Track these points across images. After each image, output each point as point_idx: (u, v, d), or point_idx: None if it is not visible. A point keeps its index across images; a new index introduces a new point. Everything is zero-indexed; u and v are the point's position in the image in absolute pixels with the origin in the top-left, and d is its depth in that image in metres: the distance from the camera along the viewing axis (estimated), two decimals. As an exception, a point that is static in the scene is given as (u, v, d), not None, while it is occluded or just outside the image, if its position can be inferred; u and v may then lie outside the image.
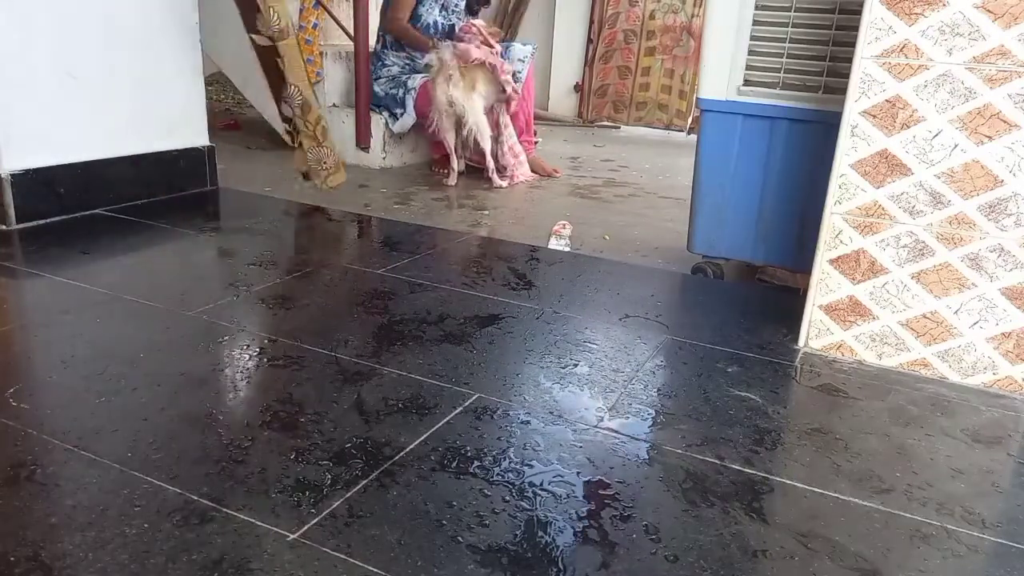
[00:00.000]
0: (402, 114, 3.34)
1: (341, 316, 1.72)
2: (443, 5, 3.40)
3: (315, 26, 3.40)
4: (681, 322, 1.79)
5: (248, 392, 1.36)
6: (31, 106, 2.20)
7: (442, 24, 3.43)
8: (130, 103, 2.46)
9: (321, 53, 3.45)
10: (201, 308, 1.69)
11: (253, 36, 2.59)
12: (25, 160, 2.21)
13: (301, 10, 3.38)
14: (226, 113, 4.76)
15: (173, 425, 1.24)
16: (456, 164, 3.22)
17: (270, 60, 2.68)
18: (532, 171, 3.44)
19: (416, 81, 3.31)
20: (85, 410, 1.26)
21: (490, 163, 3.19)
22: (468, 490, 1.10)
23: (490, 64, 3.10)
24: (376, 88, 3.37)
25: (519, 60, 3.40)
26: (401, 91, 3.32)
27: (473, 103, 3.06)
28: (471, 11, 3.50)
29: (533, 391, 1.41)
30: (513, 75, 3.38)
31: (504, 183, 3.19)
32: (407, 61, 3.40)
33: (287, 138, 2.98)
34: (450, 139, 3.15)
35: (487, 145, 3.15)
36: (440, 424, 1.27)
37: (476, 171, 3.39)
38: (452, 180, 3.21)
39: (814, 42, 1.80)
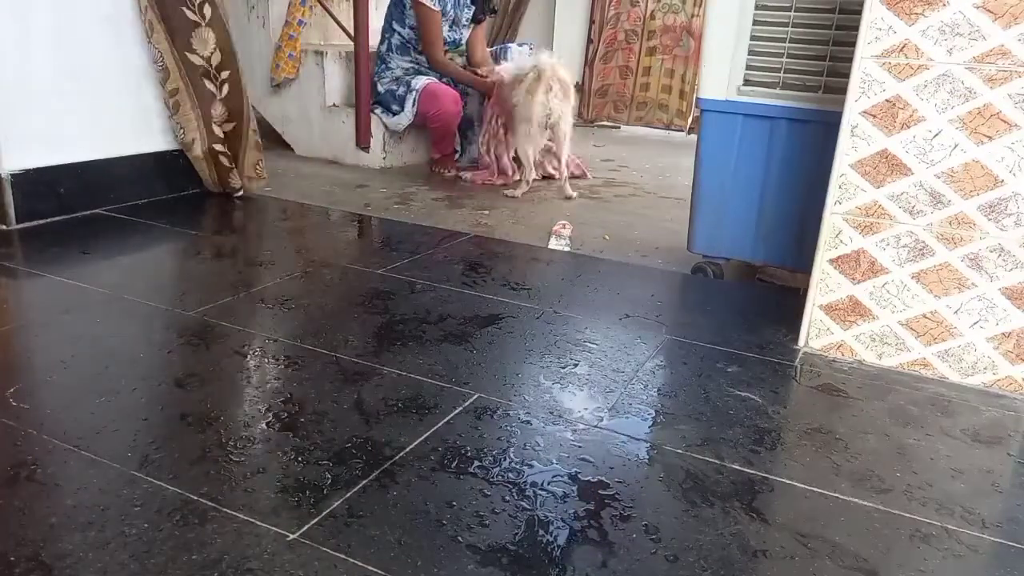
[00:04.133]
0: (399, 112, 3.33)
1: (341, 316, 1.72)
2: (453, 21, 3.38)
3: (300, 23, 3.39)
4: (681, 322, 1.79)
5: (248, 392, 1.36)
6: (31, 106, 2.20)
7: (453, 40, 3.41)
8: (130, 103, 2.46)
9: (318, 53, 3.45)
10: (201, 308, 1.69)
11: (187, 54, 2.48)
12: (25, 160, 2.21)
13: (290, 3, 3.38)
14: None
15: (173, 425, 1.24)
16: (530, 176, 3.07)
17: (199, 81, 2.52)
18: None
19: (420, 82, 3.30)
20: (85, 410, 1.26)
21: (564, 171, 3.07)
22: (468, 490, 1.10)
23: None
24: (378, 87, 3.37)
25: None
26: (403, 89, 3.31)
27: (567, 112, 2.98)
28: (477, 20, 3.48)
29: (533, 391, 1.41)
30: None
31: (575, 193, 3.08)
32: (412, 64, 3.40)
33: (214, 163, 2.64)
34: (532, 151, 3.02)
35: (566, 154, 3.06)
36: (440, 424, 1.27)
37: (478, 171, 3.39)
38: (520, 191, 3.05)
39: (814, 42, 1.80)
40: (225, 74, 2.53)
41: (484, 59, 3.54)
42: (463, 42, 3.48)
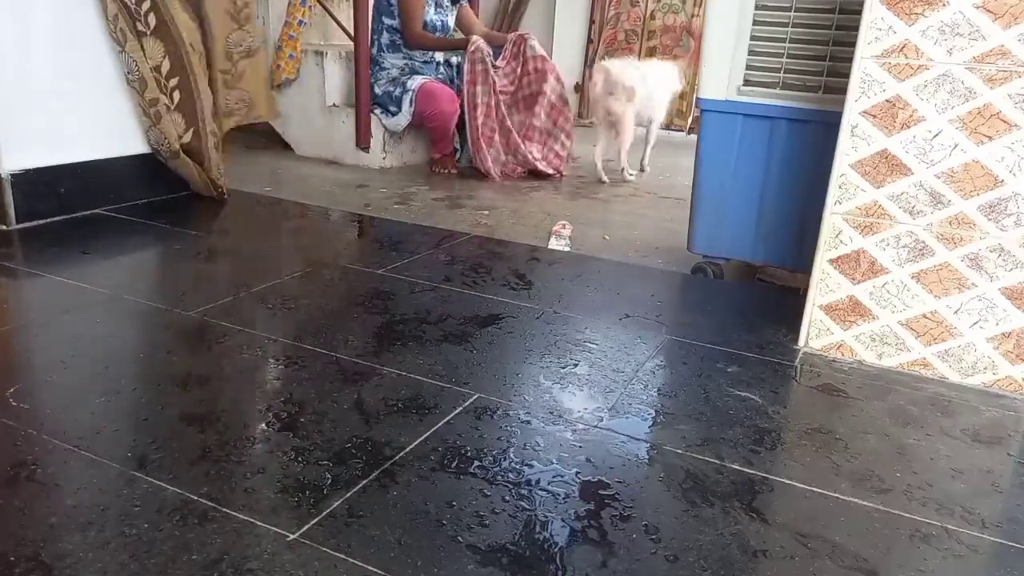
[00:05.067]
0: (396, 113, 3.34)
1: (341, 316, 1.72)
2: (436, 4, 3.40)
3: (300, 23, 3.39)
4: (681, 322, 1.79)
5: (248, 392, 1.36)
6: (31, 106, 2.20)
7: (442, 23, 3.43)
8: (130, 103, 2.45)
9: (318, 53, 3.45)
10: (201, 308, 1.69)
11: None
12: (25, 160, 2.21)
13: (289, 3, 3.37)
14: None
15: (173, 425, 1.24)
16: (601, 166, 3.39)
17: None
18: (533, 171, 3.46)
19: (416, 82, 3.30)
20: (85, 410, 1.26)
21: (623, 161, 3.37)
22: (468, 490, 1.10)
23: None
24: (375, 88, 3.38)
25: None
26: (399, 91, 3.32)
27: (628, 115, 3.23)
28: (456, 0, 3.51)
29: (533, 391, 1.41)
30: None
31: (633, 174, 3.46)
32: (406, 62, 3.40)
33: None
34: (598, 148, 3.37)
35: (624, 148, 3.34)
36: (440, 424, 1.27)
37: (477, 170, 3.39)
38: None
39: (814, 42, 1.80)
40: (174, 81, 2.44)
41: (487, 35, 3.56)
42: (451, 24, 3.49)
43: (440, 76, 3.45)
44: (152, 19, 2.33)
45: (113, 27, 2.30)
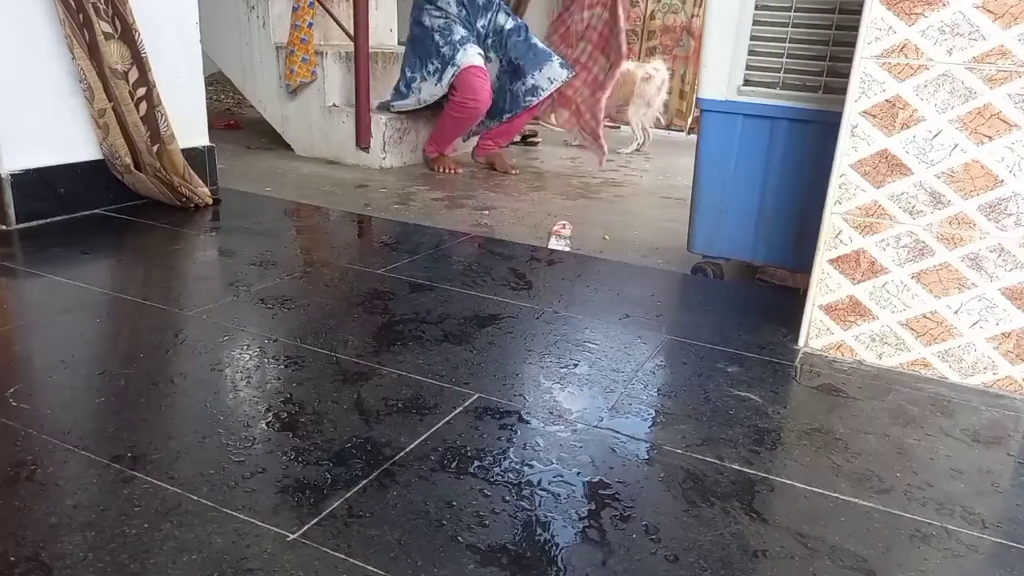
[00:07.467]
0: (437, 72, 3.18)
1: (341, 316, 1.72)
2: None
3: (310, 25, 3.39)
4: (681, 322, 1.79)
5: (248, 392, 1.36)
6: (31, 106, 2.20)
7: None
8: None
9: (318, 53, 3.46)
10: (201, 308, 1.69)
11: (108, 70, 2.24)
12: (25, 160, 2.21)
13: (295, 8, 3.37)
14: (226, 113, 4.76)
15: (173, 425, 1.24)
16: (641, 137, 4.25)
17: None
18: (494, 168, 3.48)
19: (466, 58, 3.15)
20: (85, 410, 1.26)
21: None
22: (468, 490, 1.10)
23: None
24: (424, 20, 3.20)
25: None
26: (449, 50, 3.17)
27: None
28: None
29: (533, 391, 1.41)
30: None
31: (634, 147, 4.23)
32: (460, 9, 3.25)
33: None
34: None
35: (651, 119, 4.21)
36: (440, 424, 1.27)
37: (479, 168, 3.39)
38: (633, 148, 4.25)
39: (814, 42, 1.81)
40: (142, 91, 2.34)
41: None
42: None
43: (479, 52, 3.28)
44: (87, 34, 2.22)
45: (63, 30, 2.19)
